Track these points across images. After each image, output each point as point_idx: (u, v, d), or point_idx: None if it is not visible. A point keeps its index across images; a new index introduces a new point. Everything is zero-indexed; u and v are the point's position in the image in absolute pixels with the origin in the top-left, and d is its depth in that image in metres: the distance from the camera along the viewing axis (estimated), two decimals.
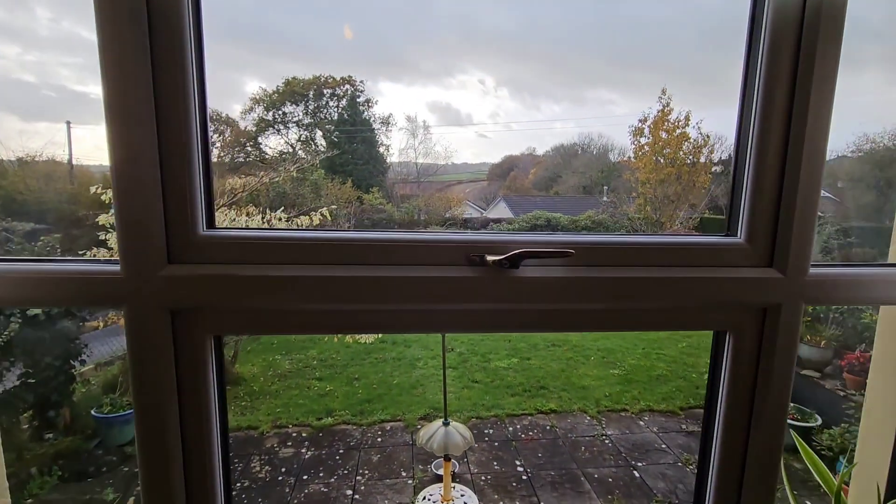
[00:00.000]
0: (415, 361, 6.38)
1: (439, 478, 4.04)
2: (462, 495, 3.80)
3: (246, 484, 3.99)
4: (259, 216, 5.12)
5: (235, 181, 5.84)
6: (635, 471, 4.25)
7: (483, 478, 4.13)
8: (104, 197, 4.19)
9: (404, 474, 4.13)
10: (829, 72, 0.82)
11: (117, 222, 0.73)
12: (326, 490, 3.90)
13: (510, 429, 4.86)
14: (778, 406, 0.90)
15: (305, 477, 4.07)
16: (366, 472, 4.13)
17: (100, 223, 4.65)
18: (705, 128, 16.01)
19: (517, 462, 4.33)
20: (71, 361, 4.27)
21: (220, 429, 0.85)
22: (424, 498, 3.64)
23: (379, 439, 4.58)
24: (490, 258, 0.79)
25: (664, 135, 15.60)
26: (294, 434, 4.61)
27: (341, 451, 4.39)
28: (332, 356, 6.57)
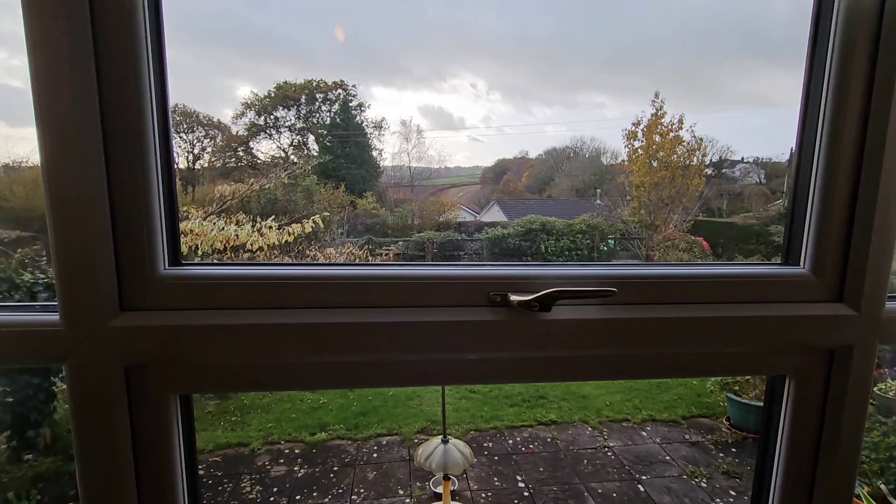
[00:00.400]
0: None
1: (438, 496, 3.89)
2: None
3: None
4: (249, 224, 4.97)
5: (225, 188, 5.66)
6: (640, 485, 4.12)
7: (483, 495, 3.98)
8: None
9: (402, 493, 3.97)
10: None
11: (54, 262, 0.59)
12: None
13: (510, 441, 4.72)
14: (848, 464, 0.77)
15: (298, 497, 3.90)
16: (361, 491, 3.97)
17: None
18: (695, 131, 16.05)
19: (518, 477, 4.18)
20: (51, 378, 4.06)
21: None
22: None
23: (375, 455, 4.42)
24: (514, 298, 0.66)
25: (658, 138, 15.60)
26: (286, 451, 4.44)
27: (336, 469, 4.22)
28: None
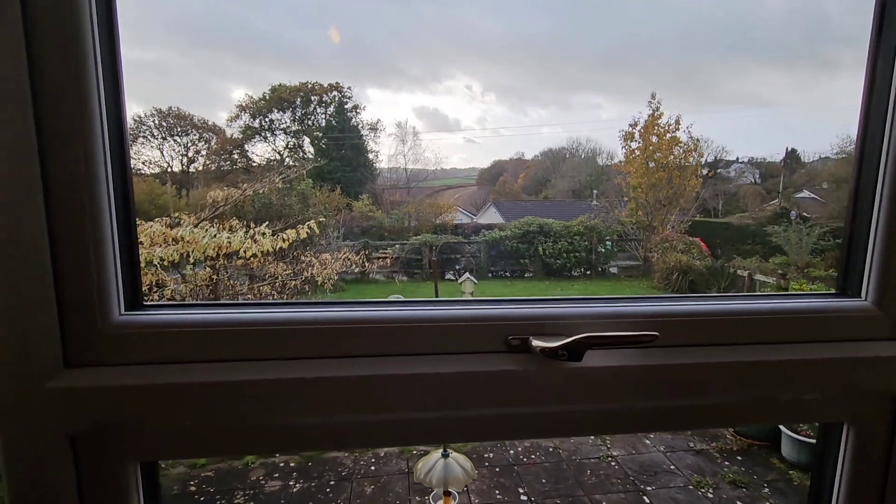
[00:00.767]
0: None
1: None
2: None
3: None
4: (242, 230, 4.85)
5: (217, 193, 5.54)
6: (645, 496, 4.03)
7: None
8: None
9: None
10: None
11: None
12: None
13: (511, 452, 4.62)
14: None
15: None
16: None
17: None
18: (691, 131, 16.04)
19: (521, 490, 4.08)
20: None
21: None
22: None
23: (373, 468, 4.31)
24: (537, 343, 0.56)
25: (655, 139, 15.57)
26: (281, 464, 4.32)
27: (332, 483, 4.10)
28: None
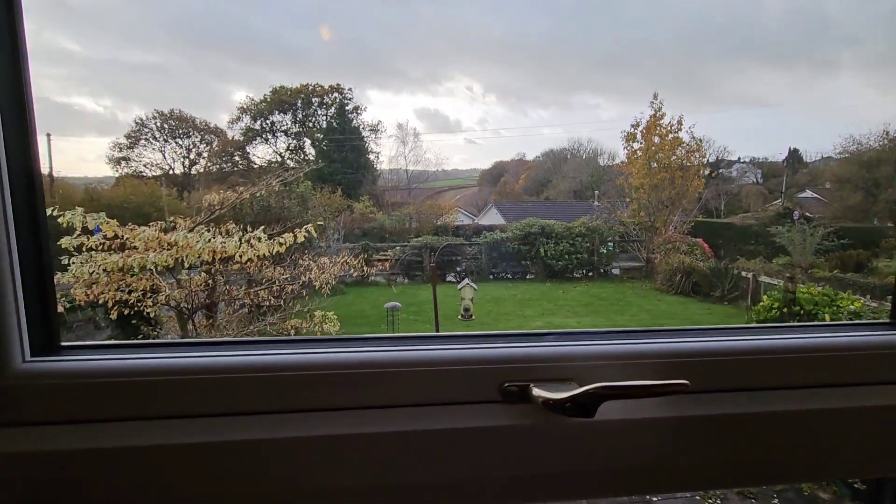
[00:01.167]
0: None
1: None
2: None
3: None
4: (238, 234, 4.75)
5: (213, 197, 5.45)
6: None
7: None
8: (61, 220, 3.80)
9: None
10: None
11: None
12: None
13: None
14: None
15: None
16: None
17: (62, 246, 4.26)
18: (693, 132, 15.93)
19: None
20: None
21: None
22: None
23: None
24: (539, 394, 0.46)
25: (657, 139, 15.45)
26: None
27: None
28: None
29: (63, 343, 0.46)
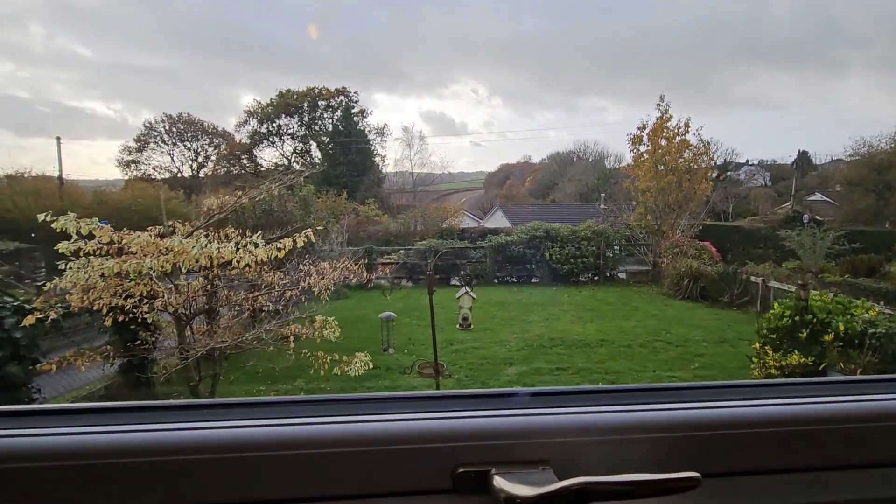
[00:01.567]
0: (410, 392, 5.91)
1: None
2: None
3: None
4: (236, 239, 4.67)
5: (212, 201, 5.39)
6: None
7: None
8: (55, 225, 3.74)
9: None
10: None
11: None
12: None
13: None
14: None
15: None
16: None
17: (59, 251, 4.21)
18: (701, 134, 15.71)
19: None
20: None
21: None
22: None
23: None
24: (501, 485, 0.35)
25: (664, 142, 15.25)
26: None
27: None
28: (321, 386, 6.08)
29: None
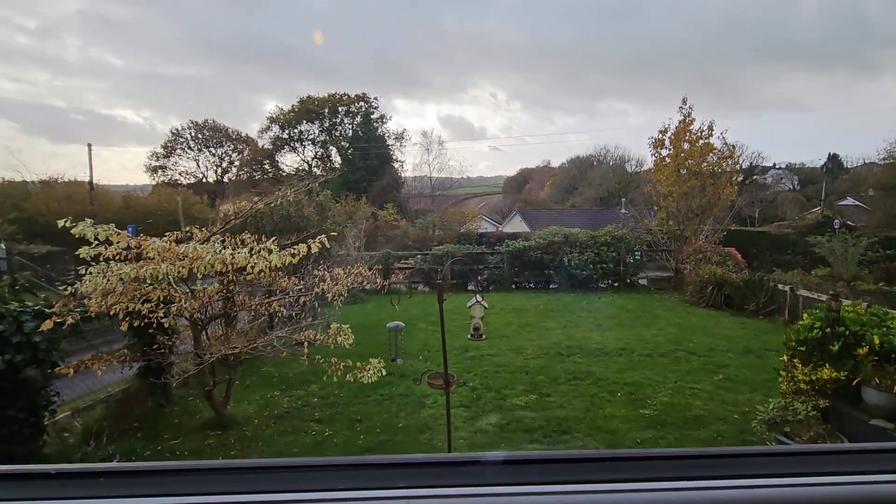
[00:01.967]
0: (423, 399, 5.85)
1: None
2: None
3: None
4: (251, 244, 4.71)
5: (228, 207, 5.45)
6: None
7: None
8: (74, 231, 3.81)
9: None
10: None
11: None
12: None
13: None
14: None
15: None
16: None
17: (80, 255, 4.29)
18: (725, 137, 15.32)
19: None
20: (39, 413, 3.86)
21: None
22: None
23: None
24: None
25: (686, 146, 14.92)
26: None
27: None
28: (335, 392, 6.08)
29: None
